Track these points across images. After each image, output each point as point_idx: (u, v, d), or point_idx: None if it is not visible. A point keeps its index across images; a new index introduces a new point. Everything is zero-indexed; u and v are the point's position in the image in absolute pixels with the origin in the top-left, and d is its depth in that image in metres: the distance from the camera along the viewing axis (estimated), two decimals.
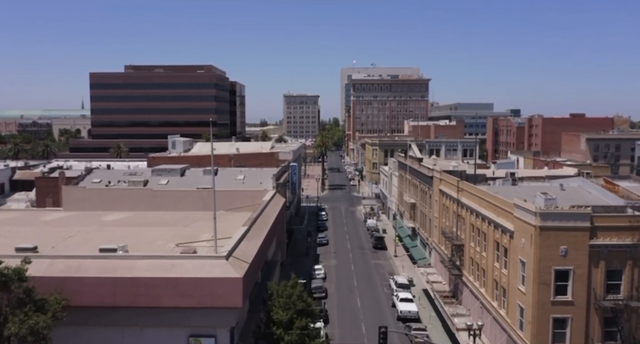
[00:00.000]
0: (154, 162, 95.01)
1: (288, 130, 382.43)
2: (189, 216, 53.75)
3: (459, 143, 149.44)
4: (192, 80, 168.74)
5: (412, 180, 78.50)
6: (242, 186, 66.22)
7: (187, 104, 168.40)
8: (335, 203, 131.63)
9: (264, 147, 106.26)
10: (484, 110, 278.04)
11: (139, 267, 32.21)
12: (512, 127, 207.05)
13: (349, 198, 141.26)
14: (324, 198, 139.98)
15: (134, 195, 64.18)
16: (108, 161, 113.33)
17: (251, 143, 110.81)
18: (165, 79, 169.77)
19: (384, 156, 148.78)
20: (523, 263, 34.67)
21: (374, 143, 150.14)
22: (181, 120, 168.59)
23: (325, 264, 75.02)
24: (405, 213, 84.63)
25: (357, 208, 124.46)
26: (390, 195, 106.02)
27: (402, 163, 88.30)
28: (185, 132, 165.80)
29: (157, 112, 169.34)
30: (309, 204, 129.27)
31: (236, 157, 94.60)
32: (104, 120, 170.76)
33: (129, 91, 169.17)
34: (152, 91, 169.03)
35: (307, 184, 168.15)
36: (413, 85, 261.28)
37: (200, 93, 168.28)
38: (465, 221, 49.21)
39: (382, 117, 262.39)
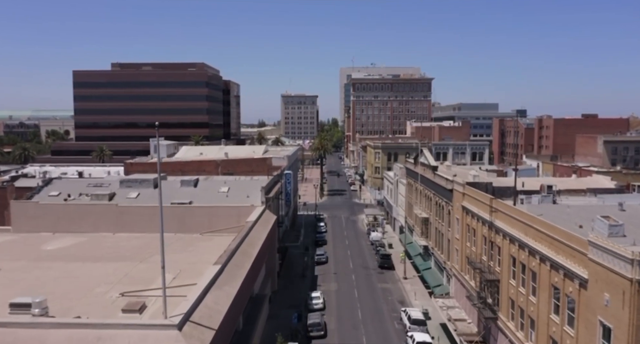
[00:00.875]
0: (131, 168, 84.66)
1: (286, 131, 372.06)
2: (156, 242, 43.48)
3: (467, 145, 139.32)
4: (182, 78, 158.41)
5: (425, 190, 68.14)
6: (226, 200, 55.87)
7: (177, 104, 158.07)
8: (335, 212, 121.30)
9: (256, 152, 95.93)
10: (489, 110, 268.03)
11: (52, 341, 21.89)
12: (521, 128, 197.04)
13: (350, 206, 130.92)
14: (322, 205, 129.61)
15: (96, 212, 53.88)
16: (89, 166, 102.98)
17: (242, 148, 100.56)
18: (153, 77, 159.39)
19: (387, 160, 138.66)
20: (606, 328, 24.44)
21: (377, 146, 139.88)
22: (171, 121, 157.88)
23: (325, 288, 64.66)
24: (416, 228, 74.22)
25: (358, 217, 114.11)
26: (396, 205, 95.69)
27: (411, 170, 77.93)
28: (176, 133, 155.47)
29: (145, 112, 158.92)
30: (307, 212, 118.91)
31: (224, 163, 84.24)
32: (88, 121, 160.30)
33: (115, 90, 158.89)
34: (140, 90, 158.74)
35: (304, 189, 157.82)
36: (415, 84, 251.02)
37: (191, 93, 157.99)
38: (502, 251, 38.94)
39: (383, 117, 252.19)
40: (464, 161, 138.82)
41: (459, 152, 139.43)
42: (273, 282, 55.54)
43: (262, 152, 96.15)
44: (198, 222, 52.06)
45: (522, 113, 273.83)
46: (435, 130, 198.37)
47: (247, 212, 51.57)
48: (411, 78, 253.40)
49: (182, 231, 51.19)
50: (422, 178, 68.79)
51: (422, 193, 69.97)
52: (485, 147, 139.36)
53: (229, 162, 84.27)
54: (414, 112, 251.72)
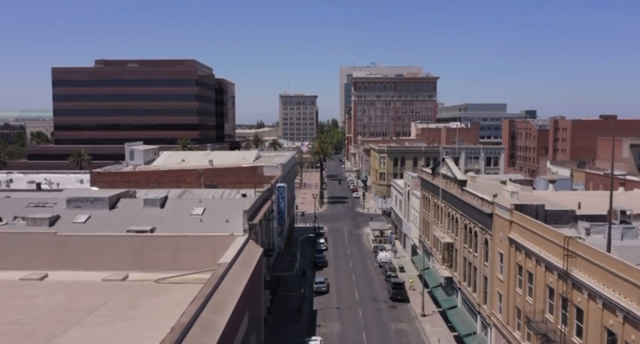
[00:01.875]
0: (98, 178, 72.37)
1: (284, 133, 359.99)
2: (92, 294, 31.18)
3: (481, 150, 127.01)
4: (170, 76, 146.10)
5: (448, 209, 55.83)
6: (199, 226, 43.53)
7: (164, 104, 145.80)
8: (336, 224, 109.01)
9: (246, 158, 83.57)
10: (496, 111, 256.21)
11: None
12: (533, 130, 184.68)
13: (353, 216, 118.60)
14: (322, 216, 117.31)
15: (31, 243, 41.39)
16: (62, 173, 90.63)
17: (231, 154, 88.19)
18: (139, 75, 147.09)
19: (393, 165, 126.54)
20: None
21: (382, 150, 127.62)
22: (158, 122, 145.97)
23: (326, 331, 52.43)
24: (435, 253, 61.86)
25: (363, 230, 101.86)
26: (407, 219, 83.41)
27: (428, 182, 65.58)
28: (163, 136, 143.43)
29: (130, 113, 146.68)
30: (305, 224, 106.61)
31: (207, 172, 71.93)
32: (68, 123, 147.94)
33: (98, 89, 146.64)
34: (125, 89, 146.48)
35: (303, 197, 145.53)
36: (420, 83, 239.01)
37: (180, 92, 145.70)
38: (586, 317, 26.68)
39: (385, 118, 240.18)
40: (477, 166, 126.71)
41: (472, 157, 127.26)
42: (259, 334, 43.28)
43: (253, 159, 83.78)
44: (160, 257, 39.69)
45: (531, 114, 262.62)
46: (442, 132, 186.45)
47: (225, 243, 39.24)
48: (415, 77, 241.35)
49: (140, 268, 38.91)
50: (445, 194, 56.50)
51: (444, 212, 57.64)
52: (500, 151, 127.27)
53: (213, 172, 71.97)
54: (418, 113, 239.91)
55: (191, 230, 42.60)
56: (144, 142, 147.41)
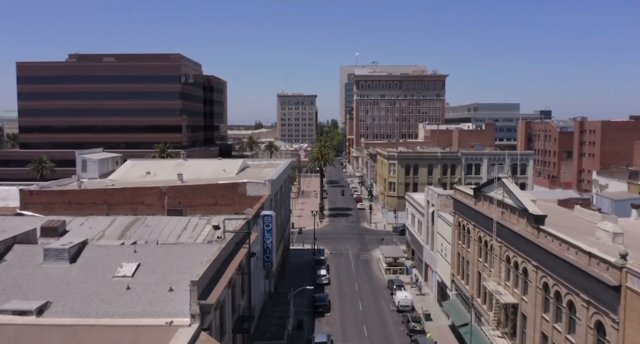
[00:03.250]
0: (31, 198, 55.34)
1: (282, 134, 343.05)
2: None
3: (506, 156, 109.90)
4: (150, 71, 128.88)
5: (509, 253, 38.66)
6: (123, 299, 26.36)
7: (144, 103, 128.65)
8: (339, 244, 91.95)
9: (227, 170, 66.41)
10: (509, 111, 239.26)
11: None
12: (553, 132, 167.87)
13: (359, 234, 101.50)
14: (323, 233, 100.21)
15: None
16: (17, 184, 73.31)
17: (210, 163, 70.93)
18: (115, 71, 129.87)
19: (404, 173, 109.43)
20: None
21: (391, 156, 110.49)
22: (135, 123, 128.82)
23: None
24: (484, 310, 44.57)
25: (372, 254, 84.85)
26: (430, 246, 66.39)
27: (469, 207, 48.40)
28: (141, 139, 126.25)
29: (105, 113, 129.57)
30: (302, 245, 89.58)
31: (172, 191, 54.82)
32: (35, 124, 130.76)
33: (69, 86, 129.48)
34: (99, 86, 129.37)
35: (301, 208, 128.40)
36: (427, 82, 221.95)
37: (161, 89, 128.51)
38: None
39: (390, 119, 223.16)
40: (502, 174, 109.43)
41: (495, 164, 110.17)
42: None
43: (236, 171, 66.62)
44: None
45: (546, 114, 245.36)
46: (454, 134, 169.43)
47: (157, 341, 22.44)
48: (422, 75, 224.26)
49: None
50: (503, 230, 39.35)
51: (499, 255, 40.50)
52: (529, 157, 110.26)
53: (180, 190, 54.86)
54: (425, 114, 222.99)
55: (106, 309, 25.48)
56: (122, 145, 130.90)
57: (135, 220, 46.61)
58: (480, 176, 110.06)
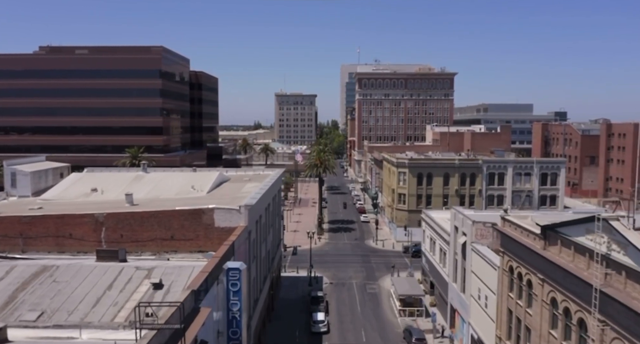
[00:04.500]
0: None
1: (280, 135, 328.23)
2: None
3: (535, 164, 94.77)
4: (126, 65, 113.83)
5: (617, 336, 23.29)
6: None
7: (119, 101, 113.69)
8: (340, 270, 76.83)
9: (197, 187, 51.14)
10: (522, 112, 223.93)
11: None
12: (575, 135, 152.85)
13: (364, 255, 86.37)
14: (322, 254, 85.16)
15: None
16: None
17: (177, 176, 55.65)
18: (87, 65, 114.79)
19: (416, 183, 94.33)
20: None
21: (401, 163, 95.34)
22: (110, 124, 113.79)
23: None
24: None
25: (381, 286, 69.80)
26: (460, 287, 51.27)
27: (531, 251, 33.07)
28: (117, 142, 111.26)
29: (76, 112, 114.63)
30: (297, 272, 74.56)
31: (112, 220, 39.68)
32: None
33: (36, 82, 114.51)
34: (70, 82, 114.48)
35: (297, 220, 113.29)
36: (434, 80, 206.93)
37: (140, 85, 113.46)
38: None
39: (395, 120, 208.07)
40: (528, 186, 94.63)
41: (522, 173, 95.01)
42: None
43: (209, 187, 51.40)
44: None
45: (561, 115, 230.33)
46: (466, 137, 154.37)
47: None
48: (429, 73, 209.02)
49: None
50: (612, 306, 24.07)
51: (598, 335, 25.20)
52: (560, 166, 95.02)
53: (124, 219, 39.64)
54: (432, 114, 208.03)
55: None
56: (87, 149, 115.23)
57: (42, 269, 31.62)
58: (504, 188, 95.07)
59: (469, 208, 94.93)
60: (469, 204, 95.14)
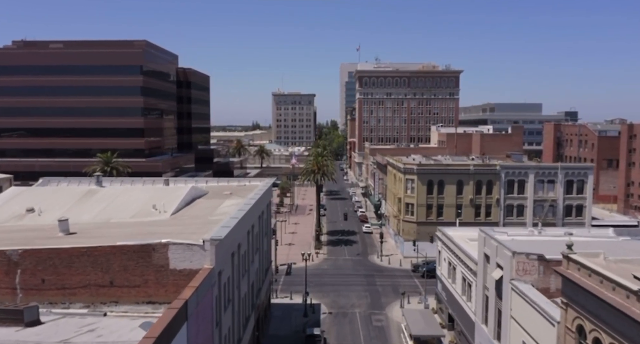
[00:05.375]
0: None
1: (278, 136, 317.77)
2: None
3: (559, 170, 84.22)
4: (104, 61, 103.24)
5: None
6: None
7: (95, 100, 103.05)
8: (341, 295, 66.20)
9: (160, 205, 40.43)
10: (530, 112, 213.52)
11: None
12: (591, 136, 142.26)
13: (367, 275, 75.75)
14: (319, 274, 74.63)
15: None
16: None
17: (139, 190, 44.95)
18: (62, 60, 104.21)
19: (426, 192, 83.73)
20: None
21: (409, 169, 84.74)
22: (88, 125, 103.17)
23: None
24: None
25: (388, 315, 59.24)
26: (493, 334, 40.78)
27: (631, 319, 22.24)
28: (92, 145, 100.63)
29: (50, 112, 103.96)
30: (291, 298, 63.96)
31: (31, 259, 28.80)
32: None
33: (5, 79, 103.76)
34: (41, 79, 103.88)
35: (293, 231, 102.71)
36: (439, 78, 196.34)
37: (119, 83, 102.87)
38: None
39: (397, 120, 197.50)
40: (551, 194, 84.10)
41: (545, 180, 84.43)
42: None
43: (175, 206, 40.72)
44: None
45: (572, 115, 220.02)
46: (474, 139, 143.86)
47: None
48: (433, 71, 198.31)
49: None
50: None
51: None
52: (588, 172, 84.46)
53: (46, 258, 28.92)
54: (437, 114, 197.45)
55: None
56: (67, 153, 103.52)
57: None
58: (525, 197, 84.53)
59: (486, 221, 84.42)
60: (485, 215, 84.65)
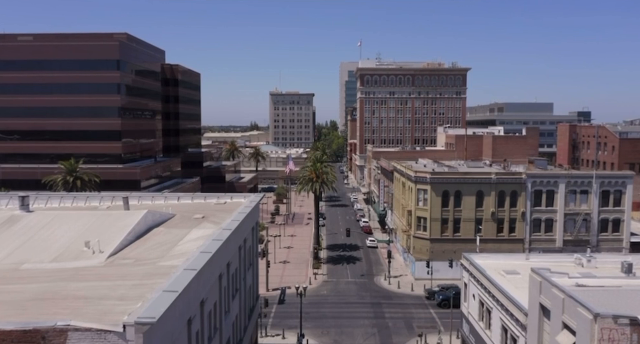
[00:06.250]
0: None
1: (275, 137, 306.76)
2: None
3: (594, 179, 73.15)
4: (77, 55, 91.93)
5: None
6: None
7: (66, 99, 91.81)
8: (343, 333, 55.16)
9: (95, 243, 29.11)
10: (541, 112, 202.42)
11: None
12: (611, 138, 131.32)
13: (374, 303, 64.63)
14: (317, 302, 63.55)
15: None
16: None
17: (73, 217, 33.92)
18: (29, 54, 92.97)
19: (441, 204, 72.62)
20: None
21: (420, 178, 73.58)
22: (58, 128, 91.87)
23: None
24: None
25: None
26: None
27: None
28: (62, 150, 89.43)
29: (9, 113, 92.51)
30: (282, 335, 52.88)
31: None
32: None
33: None
34: (4, 75, 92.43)
35: (289, 243, 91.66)
36: (445, 76, 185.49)
37: (93, 79, 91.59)
38: None
39: (401, 121, 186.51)
40: (585, 207, 73.04)
41: (577, 191, 73.35)
42: None
43: (114, 245, 29.37)
44: None
45: (585, 116, 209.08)
46: (486, 141, 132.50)
47: None
48: (439, 69, 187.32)
49: None
50: None
51: None
52: (627, 181, 73.48)
53: None
54: (443, 115, 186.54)
55: None
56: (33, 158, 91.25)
57: None
58: (554, 209, 73.59)
59: (510, 237, 73.40)
60: (509, 231, 73.64)
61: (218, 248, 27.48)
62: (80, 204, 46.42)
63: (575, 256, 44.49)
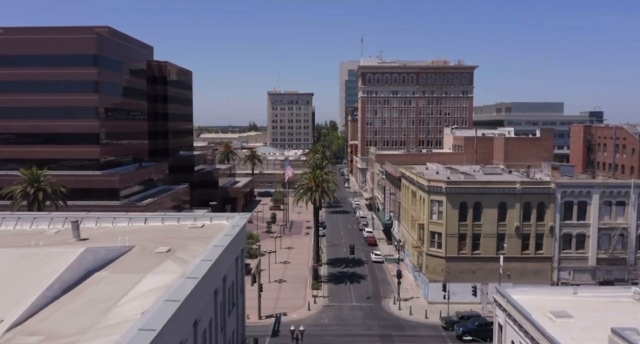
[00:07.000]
0: None
1: (274, 138, 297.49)
2: None
3: (632, 189, 64.13)
4: (51, 50, 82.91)
5: None
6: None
7: (38, 98, 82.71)
8: None
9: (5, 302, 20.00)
10: (551, 112, 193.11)
11: None
12: (630, 140, 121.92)
13: (385, 336, 55.61)
14: (317, 334, 54.48)
15: None
16: None
17: None
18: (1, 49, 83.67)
19: (458, 218, 63.51)
20: None
21: (436, 188, 64.44)
22: (25, 130, 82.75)
23: None
24: None
25: None
26: None
27: None
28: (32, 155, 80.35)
29: None
30: None
31: None
32: None
33: None
34: None
35: (285, 258, 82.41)
36: (451, 75, 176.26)
37: (67, 77, 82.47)
38: None
39: (405, 121, 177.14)
40: (621, 220, 64.05)
41: (613, 202, 64.30)
42: None
43: (32, 300, 20.22)
44: None
45: (597, 116, 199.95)
46: (496, 144, 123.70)
47: None
48: (444, 67, 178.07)
49: None
50: None
51: None
52: None
53: None
54: (448, 115, 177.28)
55: None
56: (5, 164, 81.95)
57: None
58: (587, 223, 64.59)
59: (536, 255, 64.33)
60: (535, 248, 64.61)
61: (177, 309, 18.57)
62: (25, 227, 37.74)
63: (634, 290, 36.09)
